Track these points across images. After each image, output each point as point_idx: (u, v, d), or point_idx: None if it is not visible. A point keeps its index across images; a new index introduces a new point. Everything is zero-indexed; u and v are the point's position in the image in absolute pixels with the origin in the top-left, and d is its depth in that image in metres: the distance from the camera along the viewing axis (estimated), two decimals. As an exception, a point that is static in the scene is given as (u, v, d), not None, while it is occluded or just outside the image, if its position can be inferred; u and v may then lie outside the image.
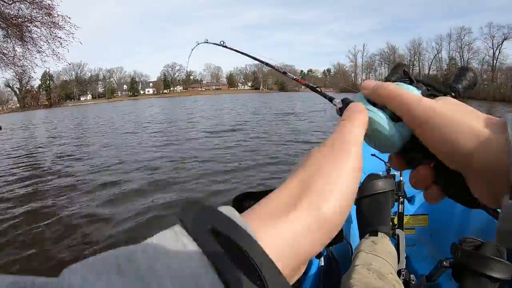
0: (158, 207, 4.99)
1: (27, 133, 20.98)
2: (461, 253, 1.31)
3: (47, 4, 11.70)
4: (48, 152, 11.37)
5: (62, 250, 3.89)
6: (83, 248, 3.93)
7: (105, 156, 9.75)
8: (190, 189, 5.99)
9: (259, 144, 10.08)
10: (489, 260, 1.22)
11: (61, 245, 4.02)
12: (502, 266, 1.21)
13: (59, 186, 6.55)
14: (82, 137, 14.77)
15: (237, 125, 15.58)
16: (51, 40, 12.36)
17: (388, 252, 1.39)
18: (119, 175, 7.03)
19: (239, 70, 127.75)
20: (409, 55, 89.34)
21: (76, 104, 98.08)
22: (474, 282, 1.24)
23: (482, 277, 1.22)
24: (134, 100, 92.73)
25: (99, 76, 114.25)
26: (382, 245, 1.42)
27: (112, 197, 5.54)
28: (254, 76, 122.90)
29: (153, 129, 15.96)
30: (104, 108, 52.72)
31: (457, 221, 2.18)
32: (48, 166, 8.94)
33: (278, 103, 36.29)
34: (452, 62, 78.87)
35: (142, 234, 3.81)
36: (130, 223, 4.49)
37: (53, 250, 3.91)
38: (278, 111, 25.52)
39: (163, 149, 10.12)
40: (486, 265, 1.22)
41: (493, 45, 69.57)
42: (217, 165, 7.50)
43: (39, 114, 54.31)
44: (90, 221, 4.64)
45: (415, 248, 2.27)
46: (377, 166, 2.58)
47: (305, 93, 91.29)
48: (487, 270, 1.21)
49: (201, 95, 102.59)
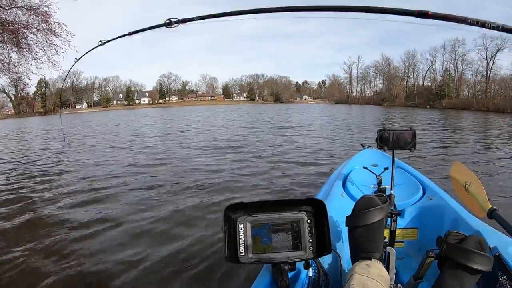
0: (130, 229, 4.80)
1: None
2: (446, 246, 1.41)
3: (44, 11, 11.60)
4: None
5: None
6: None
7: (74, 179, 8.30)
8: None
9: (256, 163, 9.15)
10: (472, 253, 1.30)
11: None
12: (483, 258, 1.29)
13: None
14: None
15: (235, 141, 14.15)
16: (47, 47, 12.10)
17: (381, 276, 1.40)
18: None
19: (234, 81, 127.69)
20: (403, 67, 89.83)
21: (71, 112, 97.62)
22: (456, 273, 1.33)
23: (464, 268, 1.31)
24: (129, 110, 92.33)
25: (94, 85, 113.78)
26: (375, 269, 1.43)
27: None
28: (250, 87, 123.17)
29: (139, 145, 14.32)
30: (93, 117, 51.75)
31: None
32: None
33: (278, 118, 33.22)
34: (447, 73, 79.10)
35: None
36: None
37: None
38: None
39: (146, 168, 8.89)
40: (468, 258, 1.30)
41: (487, 56, 69.87)
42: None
43: (31, 120, 53.90)
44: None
45: (404, 261, 2.27)
46: (368, 179, 2.85)
47: (301, 105, 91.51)
48: (469, 262, 1.29)
49: (197, 105, 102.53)
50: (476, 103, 63.19)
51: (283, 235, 1.28)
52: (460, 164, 2.72)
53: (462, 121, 28.77)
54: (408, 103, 79.54)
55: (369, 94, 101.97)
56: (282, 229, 1.29)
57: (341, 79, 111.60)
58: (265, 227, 1.28)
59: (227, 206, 1.31)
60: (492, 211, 2.02)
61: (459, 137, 15.02)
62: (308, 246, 1.29)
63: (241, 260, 1.27)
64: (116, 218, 5.21)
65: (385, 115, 37.17)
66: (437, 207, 2.43)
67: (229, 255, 1.28)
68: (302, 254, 1.28)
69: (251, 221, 1.29)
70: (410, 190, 2.78)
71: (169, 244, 4.25)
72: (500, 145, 12.49)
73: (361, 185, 2.85)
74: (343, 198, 2.58)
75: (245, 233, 1.28)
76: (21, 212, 5.66)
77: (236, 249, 1.28)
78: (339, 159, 8.52)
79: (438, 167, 7.97)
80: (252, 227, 1.29)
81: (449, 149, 11.30)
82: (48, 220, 5.24)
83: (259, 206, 1.32)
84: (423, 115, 37.19)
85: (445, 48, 79.08)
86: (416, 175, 3.19)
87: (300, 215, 1.31)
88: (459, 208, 2.26)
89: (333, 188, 2.77)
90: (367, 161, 3.29)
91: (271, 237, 1.28)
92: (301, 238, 1.29)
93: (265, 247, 1.28)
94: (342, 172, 3.31)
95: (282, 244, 1.28)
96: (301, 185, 6.62)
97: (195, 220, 5.01)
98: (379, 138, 2.28)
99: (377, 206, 1.57)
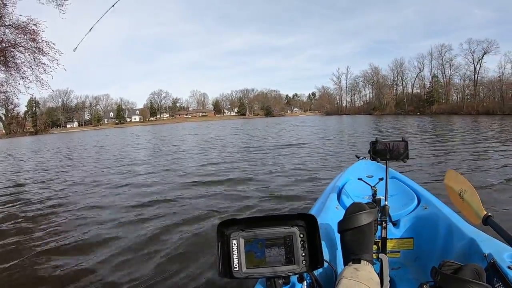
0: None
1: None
2: (440, 276, 1.34)
3: (32, 30, 11.51)
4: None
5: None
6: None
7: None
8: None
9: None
10: (468, 283, 1.24)
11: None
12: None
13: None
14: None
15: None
16: (35, 66, 11.90)
17: (370, 279, 1.40)
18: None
19: (225, 97, 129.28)
20: (392, 75, 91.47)
21: (62, 131, 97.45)
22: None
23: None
24: (120, 128, 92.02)
25: (85, 103, 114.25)
26: (364, 272, 1.43)
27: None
28: (240, 102, 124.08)
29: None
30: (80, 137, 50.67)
31: (441, 244, 2.17)
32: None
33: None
34: (435, 79, 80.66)
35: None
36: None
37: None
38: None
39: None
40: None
41: (474, 60, 71.68)
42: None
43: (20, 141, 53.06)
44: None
45: (400, 271, 2.26)
46: (363, 190, 2.82)
47: (292, 118, 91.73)
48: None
49: (188, 122, 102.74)
50: (465, 107, 64.61)
51: (276, 250, 1.28)
52: (454, 172, 2.73)
53: (453, 126, 28.94)
54: (398, 111, 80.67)
55: (359, 104, 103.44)
56: (275, 243, 1.28)
57: (330, 90, 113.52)
58: (258, 242, 1.28)
59: (220, 222, 1.30)
60: (487, 217, 2.02)
61: (450, 143, 15.05)
62: (301, 260, 1.27)
63: (235, 275, 1.27)
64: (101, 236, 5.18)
65: (376, 124, 37.24)
66: (432, 216, 2.43)
67: (223, 270, 1.26)
68: (295, 268, 1.27)
69: (244, 236, 1.28)
70: (405, 200, 2.79)
71: (159, 260, 4.24)
72: (493, 148, 12.62)
73: (355, 197, 2.85)
74: (337, 211, 2.57)
75: (239, 248, 1.27)
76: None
77: (230, 264, 1.27)
78: (334, 172, 8.45)
79: (432, 175, 7.94)
80: (245, 242, 1.28)
81: (441, 156, 11.28)
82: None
83: (252, 221, 1.31)
84: (413, 122, 37.48)
85: (432, 54, 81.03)
86: (410, 184, 3.20)
87: (292, 230, 1.30)
88: (453, 216, 2.26)
89: (328, 201, 2.77)
90: (362, 172, 3.31)
91: (264, 252, 1.27)
92: (294, 252, 1.27)
93: (259, 261, 1.27)
94: (337, 184, 3.31)
95: (275, 259, 1.27)
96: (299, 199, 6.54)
97: (187, 236, 4.97)
98: (372, 150, 2.29)
99: (366, 210, 1.66)
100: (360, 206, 1.71)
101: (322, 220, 2.26)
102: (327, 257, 1.82)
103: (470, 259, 1.71)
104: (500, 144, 13.70)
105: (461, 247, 1.90)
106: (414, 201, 2.74)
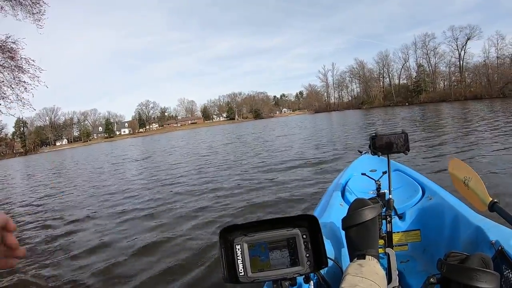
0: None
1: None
2: (446, 267, 1.33)
3: (10, 47, 11.24)
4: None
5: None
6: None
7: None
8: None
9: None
10: (475, 271, 1.22)
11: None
12: (489, 276, 1.21)
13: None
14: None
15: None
16: (15, 85, 11.63)
17: (376, 274, 1.39)
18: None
19: (212, 102, 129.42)
20: (378, 68, 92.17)
21: (52, 149, 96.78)
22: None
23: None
24: (110, 142, 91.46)
25: (73, 120, 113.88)
26: (369, 267, 1.42)
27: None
28: (229, 106, 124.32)
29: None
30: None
31: (448, 233, 2.16)
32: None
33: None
34: (421, 69, 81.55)
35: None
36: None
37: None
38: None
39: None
40: (472, 277, 1.22)
41: (458, 46, 72.62)
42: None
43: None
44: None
45: (409, 264, 2.26)
46: (367, 185, 2.84)
47: (281, 118, 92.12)
48: (474, 282, 1.21)
49: (178, 130, 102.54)
50: (453, 93, 65.53)
51: (280, 252, 1.27)
52: (457, 160, 2.75)
53: (442, 113, 29.26)
54: (387, 103, 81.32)
55: (347, 99, 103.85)
56: (278, 246, 1.27)
57: (317, 87, 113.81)
58: (262, 245, 1.27)
59: (223, 229, 1.29)
60: (493, 204, 2.03)
61: (442, 130, 15.19)
62: (305, 261, 1.26)
63: (241, 279, 1.25)
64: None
65: (365, 118, 37.29)
66: (437, 206, 2.40)
67: (228, 276, 1.25)
68: (300, 269, 1.26)
69: (248, 241, 1.28)
70: (410, 192, 2.78)
71: (162, 267, 4.25)
72: (486, 131, 12.64)
73: (359, 192, 2.84)
74: (342, 208, 2.55)
75: (243, 253, 1.27)
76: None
77: (235, 270, 1.26)
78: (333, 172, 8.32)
79: (432, 165, 7.82)
80: (249, 246, 1.27)
81: (436, 145, 11.17)
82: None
83: (254, 226, 1.30)
84: (403, 113, 37.66)
85: (416, 44, 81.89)
86: (414, 176, 3.19)
87: (295, 231, 1.29)
88: (459, 204, 2.23)
89: (332, 199, 2.76)
90: (365, 167, 3.31)
91: (268, 255, 1.26)
92: (298, 253, 1.26)
93: (264, 265, 1.26)
94: (340, 181, 3.31)
95: (280, 261, 1.26)
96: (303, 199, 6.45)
97: (189, 243, 4.98)
98: (372, 144, 2.30)
99: (368, 206, 1.68)
100: (363, 202, 1.73)
101: (327, 218, 2.28)
102: (333, 255, 1.82)
103: (478, 247, 1.71)
104: (493, 128, 13.69)
105: (468, 236, 1.88)
106: (419, 193, 2.72)
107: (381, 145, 2.28)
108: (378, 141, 2.28)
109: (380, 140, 2.28)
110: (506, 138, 10.70)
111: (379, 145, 2.28)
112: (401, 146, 2.26)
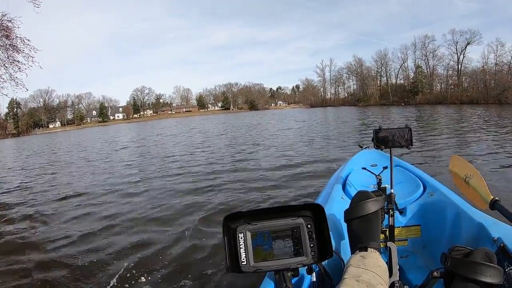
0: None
1: None
2: (450, 261, 1.32)
3: (5, 26, 11.02)
4: None
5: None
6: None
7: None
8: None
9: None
10: (479, 265, 1.22)
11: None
12: (493, 270, 1.21)
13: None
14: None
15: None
16: (9, 64, 11.39)
17: (378, 266, 1.38)
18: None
19: (208, 91, 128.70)
20: (376, 66, 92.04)
21: (44, 132, 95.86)
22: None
23: (473, 283, 1.21)
24: (103, 126, 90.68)
25: (67, 103, 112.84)
26: (371, 259, 1.41)
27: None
28: (224, 96, 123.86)
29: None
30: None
31: (449, 230, 2.16)
32: None
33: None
34: (419, 70, 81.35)
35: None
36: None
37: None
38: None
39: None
40: (476, 271, 1.21)
41: (457, 50, 72.64)
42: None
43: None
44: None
45: (409, 259, 2.27)
46: (368, 179, 2.86)
47: (276, 111, 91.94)
48: (478, 276, 1.20)
49: (172, 118, 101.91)
50: (449, 96, 65.62)
51: (283, 242, 1.26)
52: (458, 157, 2.74)
53: (439, 115, 29.64)
54: (383, 102, 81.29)
55: (344, 96, 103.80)
56: (282, 235, 1.27)
57: (314, 82, 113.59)
58: (265, 234, 1.26)
59: (226, 216, 1.27)
60: (494, 202, 2.00)
61: (439, 131, 15.35)
62: (309, 251, 1.26)
63: (243, 269, 1.25)
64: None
65: (362, 115, 37.31)
66: (438, 202, 2.41)
67: (230, 265, 1.25)
68: (304, 259, 1.26)
69: (251, 229, 1.27)
70: (411, 188, 2.77)
71: (166, 256, 4.21)
72: (482, 134, 12.74)
73: (360, 186, 2.81)
74: (343, 201, 2.54)
75: (246, 242, 1.26)
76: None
77: (237, 259, 1.25)
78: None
79: (432, 162, 7.84)
80: (252, 235, 1.26)
81: (435, 144, 11.29)
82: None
83: (257, 214, 1.29)
84: (398, 112, 38.00)
85: (415, 45, 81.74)
86: (415, 172, 3.19)
87: (299, 221, 1.27)
88: (460, 201, 2.23)
89: (333, 191, 2.76)
90: (366, 162, 3.30)
91: (271, 244, 1.26)
92: (302, 243, 1.26)
93: (267, 254, 1.26)
94: (341, 174, 3.32)
95: (283, 251, 1.26)
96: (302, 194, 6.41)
97: (192, 231, 4.96)
98: (376, 138, 2.28)
99: (372, 198, 1.67)
100: (366, 194, 1.72)
101: (327, 211, 2.30)
102: (334, 247, 1.77)
103: (479, 244, 1.67)
104: (493, 131, 13.77)
105: (470, 233, 1.89)
106: (420, 188, 2.72)
107: (384, 139, 2.26)
108: (381, 134, 2.26)
109: (383, 133, 2.26)
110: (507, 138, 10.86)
111: (382, 139, 2.26)
112: (404, 140, 2.24)
